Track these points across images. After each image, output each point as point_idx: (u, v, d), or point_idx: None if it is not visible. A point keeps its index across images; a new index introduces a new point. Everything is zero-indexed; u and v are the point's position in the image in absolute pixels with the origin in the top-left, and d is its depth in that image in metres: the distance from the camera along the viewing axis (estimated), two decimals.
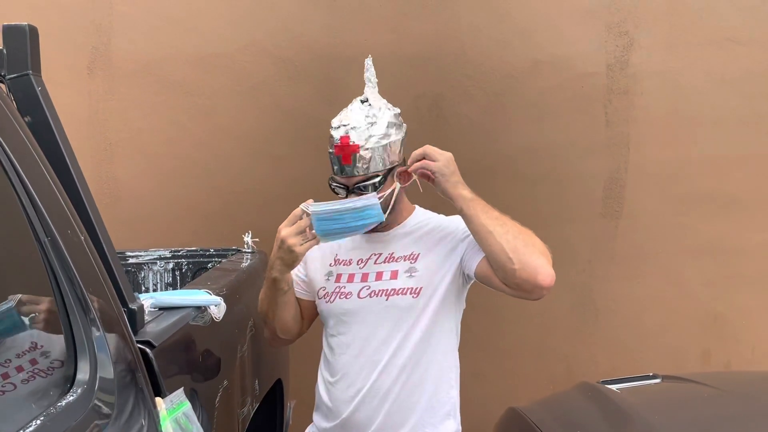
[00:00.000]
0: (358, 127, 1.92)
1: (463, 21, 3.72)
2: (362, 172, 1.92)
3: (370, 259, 2.02)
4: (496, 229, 1.87)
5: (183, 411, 1.60)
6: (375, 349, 1.96)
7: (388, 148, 1.94)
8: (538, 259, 1.86)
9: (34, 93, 1.64)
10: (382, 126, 1.94)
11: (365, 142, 1.91)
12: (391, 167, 1.96)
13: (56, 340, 1.34)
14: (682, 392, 2.46)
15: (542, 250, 1.88)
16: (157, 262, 3.15)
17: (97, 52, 3.80)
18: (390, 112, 1.98)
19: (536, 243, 1.88)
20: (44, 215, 1.32)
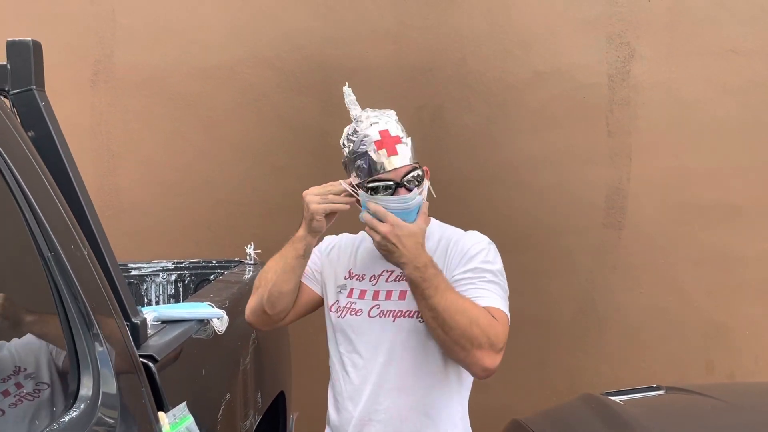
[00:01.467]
0: (390, 121, 1.87)
1: (465, 32, 3.73)
2: (410, 160, 1.87)
3: (382, 276, 1.96)
4: (427, 316, 1.79)
5: (186, 425, 1.60)
6: (378, 371, 1.91)
7: (412, 142, 1.91)
8: (461, 350, 1.77)
9: (38, 108, 1.64)
10: (396, 124, 1.89)
11: (402, 132, 1.87)
12: (417, 162, 1.92)
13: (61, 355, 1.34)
14: (686, 404, 2.45)
15: (467, 342, 1.75)
16: (160, 273, 3.15)
17: (100, 65, 3.82)
18: (394, 116, 1.94)
19: (462, 332, 1.75)
20: (47, 230, 1.33)
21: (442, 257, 1.91)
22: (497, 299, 1.83)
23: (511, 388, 3.78)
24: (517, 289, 3.74)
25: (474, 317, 1.75)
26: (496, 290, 1.85)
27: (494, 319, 1.78)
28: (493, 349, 1.76)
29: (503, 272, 1.91)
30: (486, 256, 1.89)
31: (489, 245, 1.94)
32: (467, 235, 1.97)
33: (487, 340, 1.75)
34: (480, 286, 1.84)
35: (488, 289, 1.83)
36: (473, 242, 1.92)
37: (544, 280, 3.77)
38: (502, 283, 1.88)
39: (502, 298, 1.85)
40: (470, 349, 1.75)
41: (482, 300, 1.81)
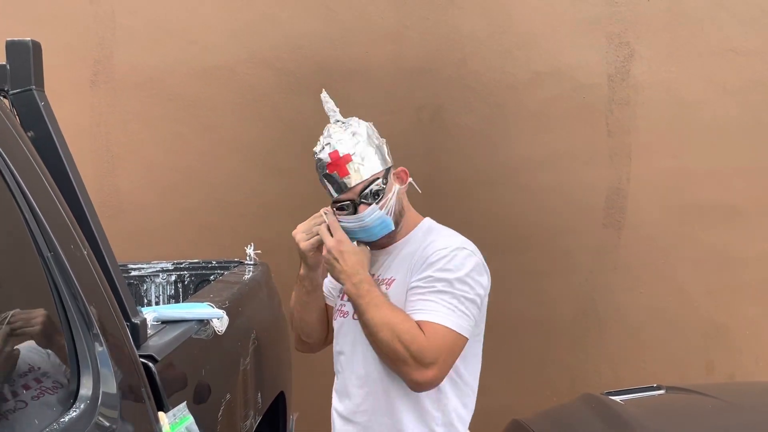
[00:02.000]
0: (343, 140, 1.91)
1: (464, 32, 3.73)
2: (365, 175, 1.89)
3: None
4: (369, 337, 1.86)
5: (186, 425, 1.60)
6: (357, 372, 1.97)
7: (378, 149, 1.92)
8: (393, 366, 1.83)
9: (37, 108, 1.64)
10: (364, 133, 1.93)
11: (354, 148, 1.89)
12: (387, 168, 1.93)
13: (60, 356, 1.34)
14: (687, 403, 2.45)
15: (392, 359, 1.81)
16: (160, 274, 3.15)
17: (100, 65, 3.82)
18: (365, 124, 1.97)
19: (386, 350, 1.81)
20: (47, 230, 1.32)
21: (409, 261, 1.93)
22: (436, 313, 1.81)
23: (511, 389, 3.78)
24: (517, 290, 3.78)
25: (398, 333, 1.78)
26: (442, 301, 1.83)
27: (420, 334, 1.79)
28: (420, 363, 1.78)
29: (466, 279, 1.87)
30: (446, 264, 1.86)
31: (456, 251, 1.89)
32: (438, 240, 1.94)
33: (410, 355, 1.78)
34: (426, 297, 1.84)
35: (433, 300, 1.83)
36: (438, 248, 1.90)
37: (544, 280, 3.77)
38: (457, 291, 1.84)
39: (450, 310, 1.82)
40: (397, 364, 1.81)
41: (420, 314, 1.82)
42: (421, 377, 1.80)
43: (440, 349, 1.80)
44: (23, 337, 1.26)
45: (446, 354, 1.81)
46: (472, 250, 1.93)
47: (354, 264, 1.86)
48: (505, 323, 3.78)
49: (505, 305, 3.78)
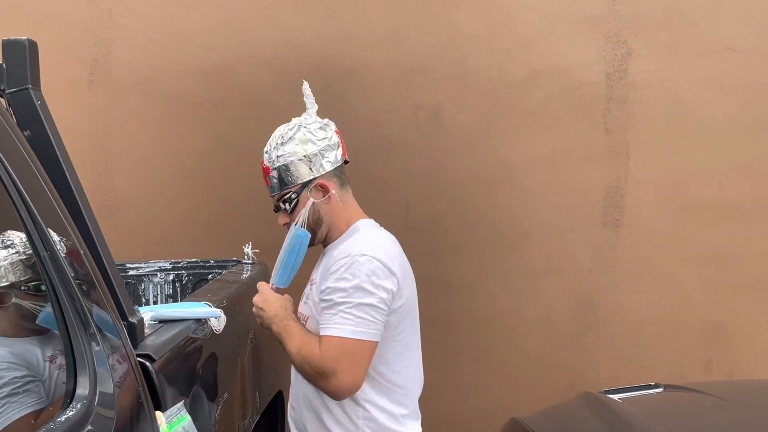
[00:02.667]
0: (268, 150, 2.07)
1: (462, 31, 3.73)
2: (277, 191, 2.05)
3: (311, 281, 2.14)
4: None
5: (183, 425, 1.60)
6: (294, 374, 2.11)
7: (296, 164, 2.01)
8: (320, 389, 1.97)
9: (34, 107, 1.64)
10: (291, 145, 2.02)
11: (273, 162, 2.04)
12: (305, 182, 2.02)
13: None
14: (685, 402, 2.45)
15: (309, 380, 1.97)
16: (158, 273, 3.15)
17: (98, 65, 3.81)
18: (304, 129, 2.04)
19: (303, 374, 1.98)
20: (44, 230, 1.32)
21: (323, 269, 2.04)
22: (330, 326, 1.93)
23: (509, 388, 3.78)
24: (515, 289, 3.78)
25: (303, 354, 1.93)
26: (340, 312, 1.92)
27: (316, 349, 1.91)
28: (325, 375, 1.90)
29: (363, 286, 1.92)
30: (343, 273, 1.94)
31: (354, 258, 1.95)
32: (347, 248, 2.01)
33: (315, 371, 1.92)
34: (326, 311, 1.96)
35: (330, 313, 1.94)
36: (340, 257, 1.98)
37: (542, 279, 3.77)
38: (354, 300, 1.92)
39: (345, 319, 1.91)
40: (311, 381, 1.96)
41: (322, 329, 1.95)
42: (328, 387, 1.92)
43: (337, 358, 1.90)
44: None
45: (347, 361, 1.90)
46: (373, 255, 1.95)
47: (277, 309, 2.02)
48: (503, 322, 3.78)
49: (502, 304, 3.78)
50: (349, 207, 2.09)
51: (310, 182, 2.03)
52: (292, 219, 2.06)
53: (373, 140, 3.74)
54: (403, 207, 3.76)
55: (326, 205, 2.04)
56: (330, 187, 2.04)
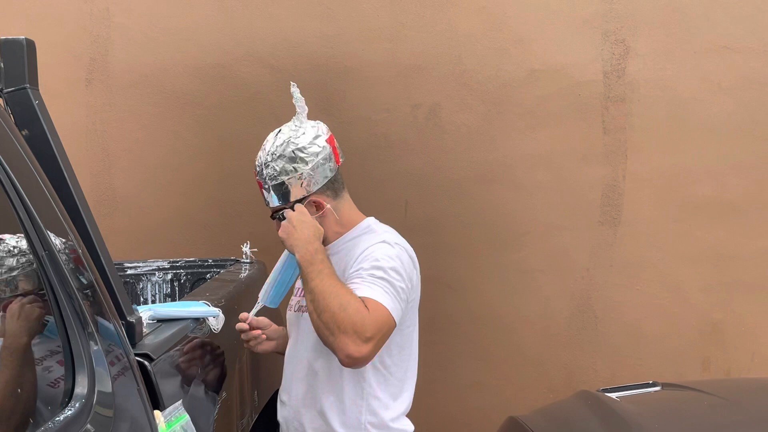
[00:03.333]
0: (259, 165, 2.04)
1: (460, 30, 3.73)
2: (273, 204, 2.04)
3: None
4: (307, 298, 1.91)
5: (181, 424, 1.60)
6: (295, 361, 2.08)
7: (287, 185, 2.00)
8: (328, 336, 1.86)
9: (32, 106, 1.64)
10: (281, 163, 2.00)
11: (264, 180, 2.03)
12: (301, 198, 2.01)
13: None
14: (683, 400, 2.45)
15: (332, 327, 1.84)
16: (156, 273, 3.15)
17: (95, 64, 3.81)
18: (293, 146, 2.00)
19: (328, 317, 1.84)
20: (42, 229, 1.32)
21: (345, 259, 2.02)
22: (376, 291, 1.89)
23: (507, 386, 3.78)
24: (513, 287, 3.78)
25: (344, 303, 1.83)
26: (381, 283, 1.91)
27: (365, 308, 1.84)
28: (359, 336, 1.82)
29: (399, 269, 1.95)
30: (380, 255, 1.95)
31: (388, 245, 1.98)
32: (374, 238, 2.02)
33: (352, 326, 1.81)
34: (364, 277, 1.92)
35: (372, 283, 1.90)
36: (372, 243, 1.99)
37: (540, 277, 3.77)
38: (392, 279, 1.92)
39: (385, 292, 1.90)
40: (337, 334, 1.82)
41: (360, 290, 1.89)
42: (356, 350, 1.82)
43: (379, 325, 1.86)
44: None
45: (382, 332, 1.88)
46: (403, 246, 2.03)
47: (308, 235, 1.93)
48: (502, 321, 3.79)
49: (501, 303, 3.79)
50: (345, 213, 2.08)
51: (304, 199, 2.02)
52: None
53: (370, 139, 3.74)
54: (402, 206, 3.76)
55: (321, 218, 2.03)
56: (323, 203, 2.03)
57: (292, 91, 2.09)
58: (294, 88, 2.09)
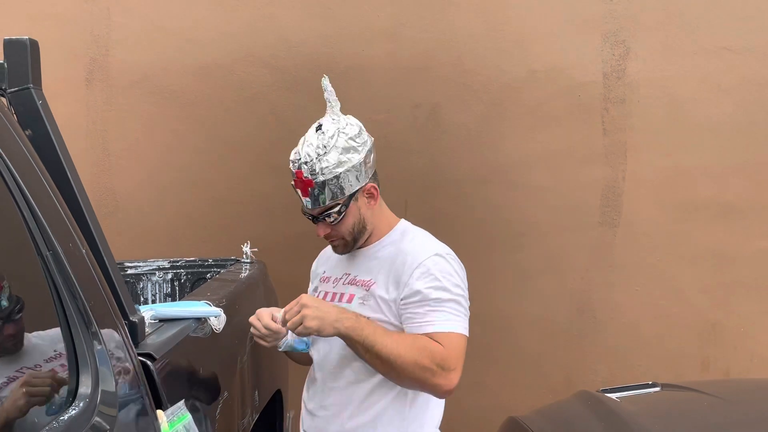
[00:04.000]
0: (309, 161, 1.91)
1: (460, 30, 3.73)
2: (322, 203, 1.93)
3: (341, 279, 2.05)
4: (374, 365, 1.87)
5: (184, 423, 1.60)
6: (329, 370, 2.00)
7: (345, 176, 1.91)
8: (417, 384, 1.87)
9: (35, 106, 1.64)
10: (335, 154, 1.90)
11: (317, 175, 1.90)
12: (353, 192, 1.94)
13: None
14: (682, 400, 2.46)
15: (420, 376, 1.83)
16: (156, 272, 3.15)
17: (96, 64, 3.81)
18: (345, 136, 1.93)
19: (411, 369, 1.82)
20: (46, 229, 1.33)
21: (389, 265, 1.95)
22: (446, 321, 1.87)
23: (507, 386, 3.79)
24: (513, 288, 3.79)
25: (416, 357, 1.81)
26: (450, 309, 1.88)
27: (436, 345, 1.84)
28: (446, 370, 1.83)
29: (458, 283, 1.93)
30: (439, 273, 1.91)
31: (436, 261, 1.93)
32: (417, 248, 1.97)
33: (436, 365, 1.82)
34: (432, 306, 1.88)
35: (440, 311, 1.87)
36: (418, 262, 1.92)
37: (540, 278, 3.78)
38: (457, 296, 1.90)
39: (456, 316, 1.88)
40: (425, 377, 1.83)
41: (431, 326, 1.86)
42: (448, 383, 1.85)
43: (458, 354, 1.87)
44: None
45: (462, 360, 1.88)
46: (454, 256, 1.99)
47: (336, 308, 1.85)
48: (501, 321, 3.79)
49: (500, 303, 3.79)
50: (385, 208, 2.06)
51: (358, 191, 1.94)
52: (336, 230, 1.96)
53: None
54: (402, 206, 3.76)
55: (370, 210, 1.99)
56: (376, 192, 1.99)
57: (324, 85, 2.00)
58: (326, 81, 2.01)
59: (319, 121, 1.98)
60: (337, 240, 2.00)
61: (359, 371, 1.94)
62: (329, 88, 2.00)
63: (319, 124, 1.97)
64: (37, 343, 1.32)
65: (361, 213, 1.97)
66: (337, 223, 1.94)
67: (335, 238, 1.99)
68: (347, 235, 1.98)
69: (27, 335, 1.29)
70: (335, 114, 1.99)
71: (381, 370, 1.86)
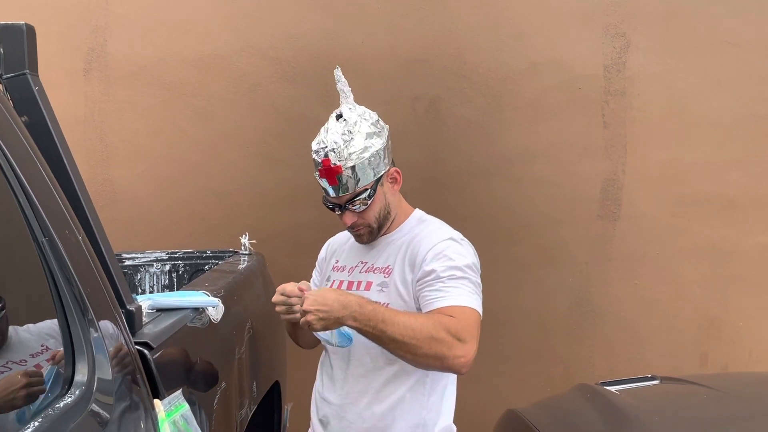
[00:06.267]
0: (337, 148, 1.93)
1: (460, 23, 3.72)
2: (351, 189, 1.95)
3: (357, 267, 2.06)
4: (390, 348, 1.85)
5: (181, 413, 1.59)
6: (347, 358, 2.01)
7: (371, 160, 1.94)
8: (435, 360, 1.84)
9: (31, 92, 1.63)
10: (360, 140, 1.94)
11: (346, 161, 1.92)
12: (379, 177, 1.97)
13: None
14: (681, 393, 2.45)
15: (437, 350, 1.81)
16: (154, 263, 3.14)
17: (94, 54, 3.79)
18: (367, 122, 1.97)
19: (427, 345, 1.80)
20: (42, 215, 1.31)
21: (405, 251, 1.98)
22: (459, 296, 1.87)
23: (506, 379, 3.78)
24: (512, 281, 3.78)
25: (431, 332, 1.80)
26: (462, 286, 1.89)
27: (449, 318, 1.83)
28: (461, 341, 1.82)
29: (472, 266, 1.95)
30: (452, 254, 1.93)
31: (454, 242, 1.97)
32: (433, 233, 2.00)
33: (451, 338, 1.81)
34: (445, 281, 1.89)
35: (452, 287, 1.88)
36: (432, 245, 1.95)
37: (540, 271, 3.77)
38: (470, 276, 1.92)
39: (469, 292, 1.89)
40: (444, 360, 1.82)
41: (441, 301, 1.87)
42: (464, 354, 1.81)
43: (472, 326, 1.86)
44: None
45: (475, 329, 1.87)
46: (467, 241, 2.02)
47: (337, 299, 1.80)
48: (500, 314, 3.78)
49: (499, 296, 3.78)
50: (401, 197, 2.10)
51: (383, 175, 1.98)
52: (363, 217, 1.97)
53: None
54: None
55: (394, 196, 2.03)
56: (398, 176, 2.03)
57: (337, 76, 2.03)
58: (338, 72, 2.04)
59: (337, 111, 2.01)
60: (363, 228, 2.01)
61: (377, 358, 1.95)
62: (342, 79, 2.04)
63: (339, 113, 2.00)
64: (25, 337, 1.31)
65: (386, 198, 2.00)
66: (365, 209, 1.96)
67: (361, 227, 2.01)
68: (374, 221, 2.00)
69: (16, 329, 1.27)
70: (351, 104, 2.03)
71: (397, 352, 1.84)
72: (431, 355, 1.81)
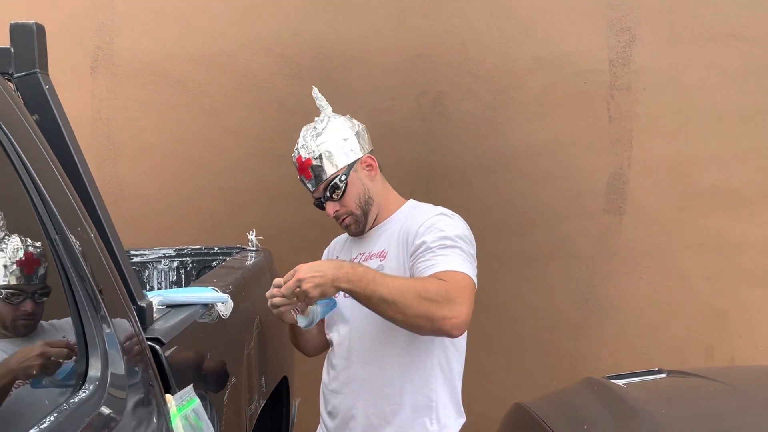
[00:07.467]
0: (305, 144, 2.06)
1: (465, 18, 3.72)
2: (324, 178, 2.03)
3: (356, 259, 2.10)
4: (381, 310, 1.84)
5: (192, 408, 1.61)
6: (352, 348, 2.05)
7: (341, 145, 2.04)
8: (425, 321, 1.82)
9: (42, 91, 1.64)
10: (328, 132, 2.05)
11: (313, 151, 2.04)
12: (351, 162, 2.04)
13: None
14: (688, 387, 2.46)
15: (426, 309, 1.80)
16: (162, 260, 3.16)
17: (100, 52, 3.80)
18: (337, 120, 2.09)
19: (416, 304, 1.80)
20: (55, 213, 1.33)
21: (398, 234, 2.02)
22: (449, 261, 1.89)
23: (512, 373, 3.80)
24: (518, 275, 3.79)
25: (420, 291, 1.81)
26: (449, 253, 1.91)
27: (440, 281, 1.85)
28: (451, 301, 1.81)
29: (462, 235, 1.97)
30: (443, 226, 1.96)
31: (440, 218, 2.00)
32: (427, 212, 2.04)
33: (441, 297, 1.81)
34: (434, 251, 1.92)
35: (443, 254, 1.90)
36: (422, 221, 1.99)
37: (545, 266, 3.78)
38: (462, 246, 1.94)
39: (460, 259, 1.91)
40: (433, 319, 1.81)
41: (433, 268, 1.89)
42: (454, 314, 1.81)
43: (463, 288, 1.86)
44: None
45: (467, 293, 1.86)
46: (459, 216, 2.06)
47: (330, 265, 1.81)
48: (506, 309, 3.79)
49: (505, 291, 3.79)
50: (391, 190, 2.15)
51: (356, 162, 2.05)
52: (344, 203, 2.04)
53: (376, 127, 3.71)
54: (407, 194, 3.73)
55: (374, 182, 2.08)
56: (374, 163, 2.08)
57: (314, 95, 2.14)
58: (315, 91, 2.15)
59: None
60: (347, 217, 2.07)
61: (383, 347, 1.99)
62: (319, 96, 2.15)
63: (313, 124, 2.12)
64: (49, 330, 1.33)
65: (363, 183, 2.05)
66: (342, 195, 2.03)
67: (345, 215, 2.06)
68: (355, 207, 2.05)
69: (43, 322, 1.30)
70: (327, 113, 2.14)
71: (387, 313, 1.83)
72: (421, 315, 1.81)
